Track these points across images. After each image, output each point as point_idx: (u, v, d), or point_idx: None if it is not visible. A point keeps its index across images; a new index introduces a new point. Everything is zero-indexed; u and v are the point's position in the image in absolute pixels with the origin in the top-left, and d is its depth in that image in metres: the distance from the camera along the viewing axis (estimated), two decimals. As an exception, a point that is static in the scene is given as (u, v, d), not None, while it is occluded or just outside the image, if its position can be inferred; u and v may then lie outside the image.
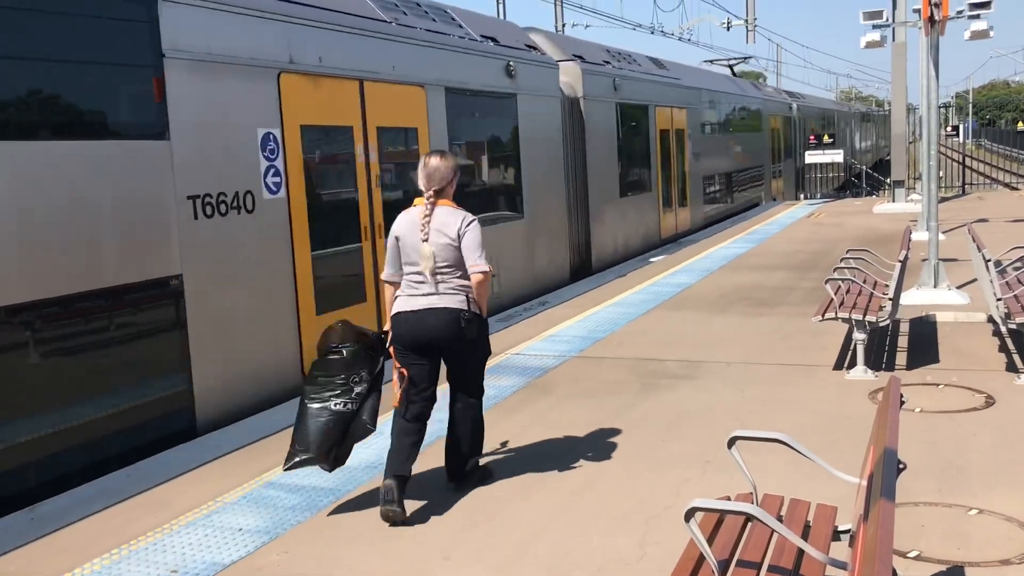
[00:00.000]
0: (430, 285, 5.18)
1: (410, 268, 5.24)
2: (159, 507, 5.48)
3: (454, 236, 5.15)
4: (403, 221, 5.28)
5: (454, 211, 5.23)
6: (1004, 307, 7.22)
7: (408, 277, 5.26)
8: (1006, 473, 5.33)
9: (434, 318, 5.16)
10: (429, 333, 5.18)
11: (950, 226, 17.41)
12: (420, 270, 5.17)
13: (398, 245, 5.28)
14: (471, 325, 5.22)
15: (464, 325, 5.19)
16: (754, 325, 9.80)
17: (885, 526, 2.35)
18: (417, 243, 5.17)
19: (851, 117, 53.02)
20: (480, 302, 5.26)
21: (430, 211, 5.19)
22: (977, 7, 13.95)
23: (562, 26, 28.67)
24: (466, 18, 12.97)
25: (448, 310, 5.16)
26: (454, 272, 5.19)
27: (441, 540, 4.83)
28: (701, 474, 5.56)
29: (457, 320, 5.17)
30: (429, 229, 5.16)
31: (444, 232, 5.15)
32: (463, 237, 5.16)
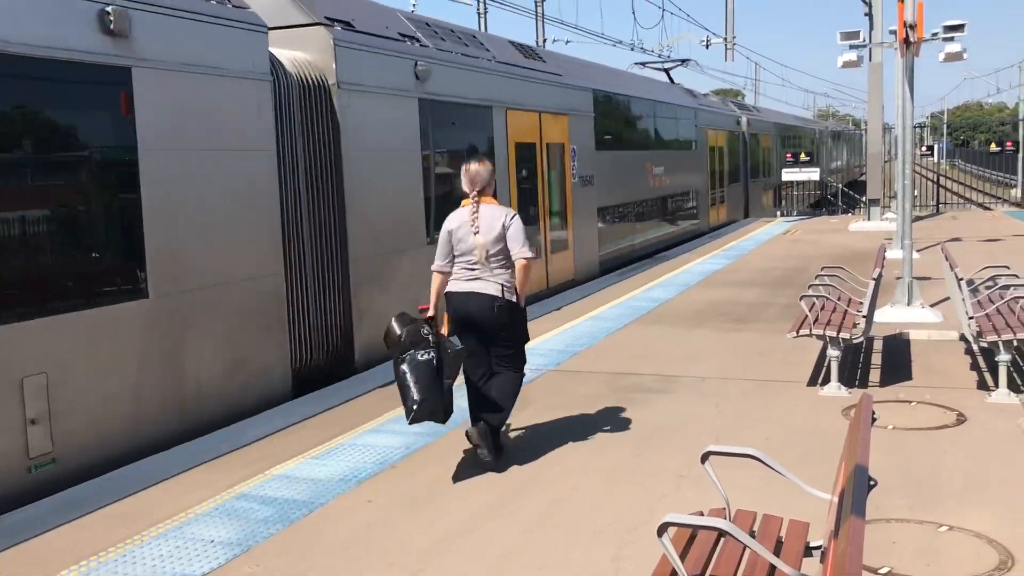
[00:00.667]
0: (483, 270, 5.99)
1: (464, 258, 6.04)
2: (131, 518, 5.43)
3: (500, 228, 5.96)
4: (454, 219, 6.09)
5: (498, 207, 6.08)
6: (976, 326, 7.31)
7: (462, 264, 6.05)
8: (976, 490, 5.38)
9: (474, 301, 5.98)
10: (470, 312, 6.01)
11: (924, 245, 17.60)
12: (475, 259, 5.97)
13: (451, 240, 6.06)
14: (502, 311, 5.97)
15: (496, 311, 5.95)
16: (730, 340, 9.85)
17: (855, 542, 2.37)
18: (469, 236, 5.97)
19: (820, 135, 50.26)
20: (521, 287, 6.03)
21: (477, 208, 6.00)
22: (951, 30, 14.16)
23: (543, 41, 28.80)
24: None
25: (486, 296, 5.95)
26: (502, 261, 5.99)
27: (409, 562, 4.82)
28: (675, 489, 5.58)
29: (491, 306, 5.95)
30: (479, 224, 5.96)
31: (492, 225, 5.97)
32: (508, 228, 5.96)
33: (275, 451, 6.61)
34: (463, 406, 6.25)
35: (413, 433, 6.91)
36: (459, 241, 6.02)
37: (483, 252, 5.94)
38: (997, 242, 17.99)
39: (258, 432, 7.08)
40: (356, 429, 7.09)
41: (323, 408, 7.73)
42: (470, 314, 6.00)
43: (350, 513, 5.40)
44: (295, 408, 7.78)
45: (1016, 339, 7.05)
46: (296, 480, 5.98)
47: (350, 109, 9.65)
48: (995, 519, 4.93)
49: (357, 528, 5.18)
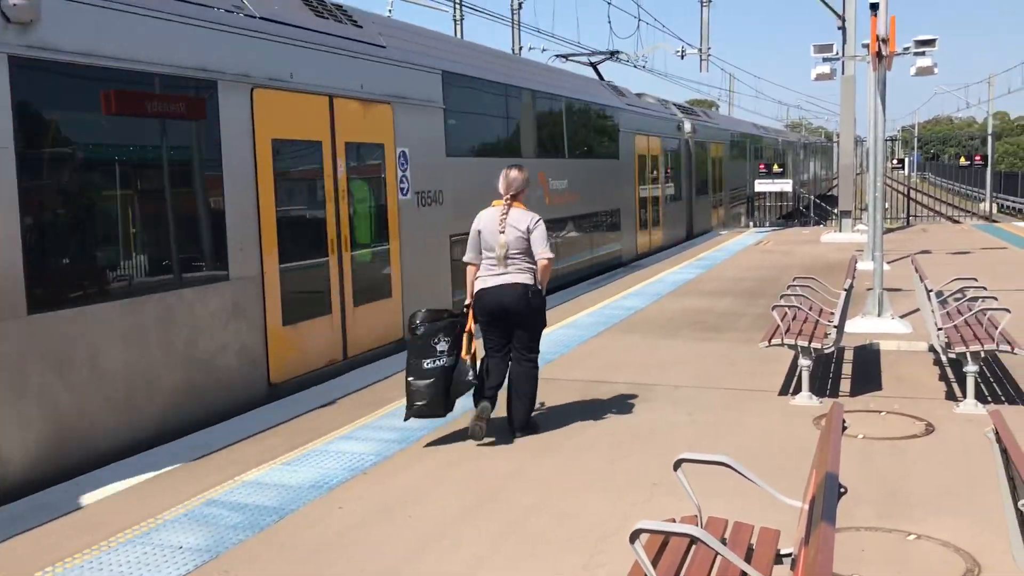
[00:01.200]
0: (502, 267, 6.63)
1: (488, 254, 6.70)
2: (96, 525, 5.36)
3: (524, 230, 6.62)
4: (484, 217, 6.77)
5: (525, 212, 6.72)
6: (944, 337, 7.38)
7: (487, 261, 6.71)
8: (944, 499, 5.43)
9: (508, 291, 6.63)
10: (504, 302, 6.65)
11: (895, 256, 17.78)
12: (497, 255, 6.62)
13: (479, 236, 6.73)
14: (536, 297, 6.71)
15: (531, 296, 6.67)
16: (702, 349, 9.89)
17: (825, 550, 2.39)
18: (495, 234, 6.63)
19: (784, 147, 46.48)
20: (543, 281, 6.74)
21: (507, 210, 6.67)
22: (923, 44, 14.33)
23: (519, 49, 28.86)
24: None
25: (519, 284, 6.64)
26: (523, 258, 6.65)
27: (380, 569, 4.79)
28: (648, 497, 5.59)
29: (525, 293, 6.64)
30: (506, 224, 6.61)
31: (517, 227, 6.63)
32: (532, 232, 6.65)
33: (245, 457, 6.56)
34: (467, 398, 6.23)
35: (384, 440, 6.88)
36: (487, 238, 6.70)
37: (503, 250, 6.59)
38: (966, 255, 18.21)
39: (227, 439, 7.02)
40: (327, 435, 7.05)
41: (292, 415, 7.67)
42: (504, 304, 6.65)
43: (321, 520, 5.36)
44: (265, 415, 7.72)
45: (983, 350, 7.14)
46: (266, 486, 5.93)
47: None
48: (962, 528, 4.98)
49: (327, 534, 5.14)
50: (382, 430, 7.15)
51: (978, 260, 17.16)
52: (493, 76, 14.17)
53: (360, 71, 10.26)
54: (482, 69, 13.87)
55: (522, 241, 6.61)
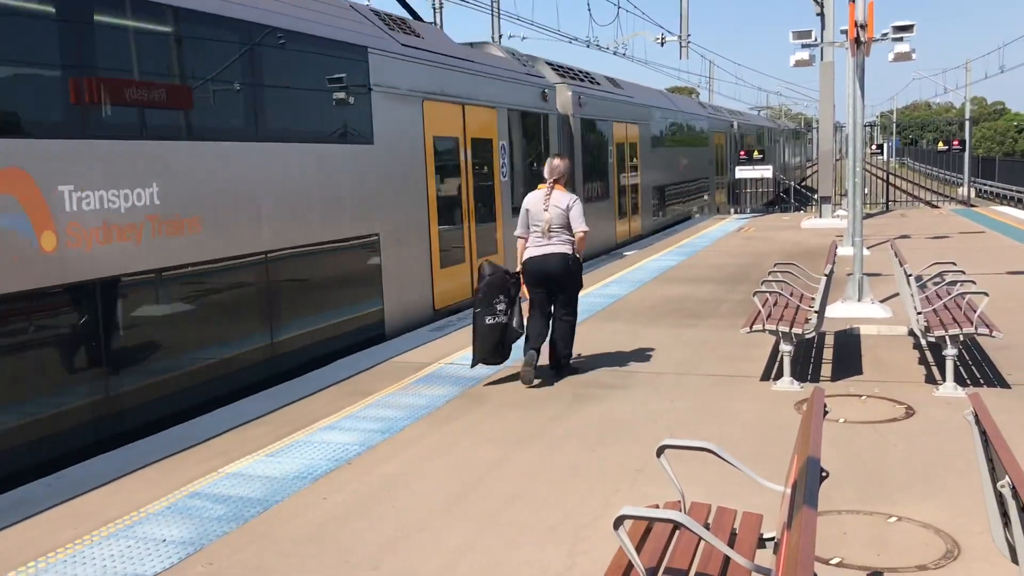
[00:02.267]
0: (546, 239, 7.95)
1: (535, 228, 8.01)
2: (80, 518, 5.33)
3: (564, 208, 7.92)
4: (531, 198, 8.14)
5: (565, 193, 8.04)
6: (924, 321, 7.44)
7: (534, 234, 8.02)
8: (924, 482, 5.49)
9: (551, 259, 7.95)
10: (548, 268, 7.99)
11: (874, 241, 17.89)
12: (541, 229, 7.93)
13: (527, 214, 8.08)
14: (574, 264, 8.05)
15: (570, 264, 7.99)
16: (684, 336, 9.93)
17: (807, 533, 2.41)
18: (540, 212, 7.96)
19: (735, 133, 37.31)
20: (580, 251, 8.05)
21: (550, 192, 7.99)
22: (900, 30, 14.40)
23: (499, 36, 28.77)
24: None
25: (561, 254, 7.96)
26: (563, 232, 7.95)
27: (364, 559, 4.79)
28: (631, 484, 5.61)
29: (566, 260, 7.97)
30: (549, 203, 7.93)
31: (558, 206, 7.94)
32: (571, 209, 7.94)
33: (228, 449, 6.54)
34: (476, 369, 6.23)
35: (369, 430, 6.88)
36: (533, 215, 8.01)
37: (547, 225, 7.92)
38: (945, 239, 18.35)
39: (210, 430, 7.00)
40: (311, 426, 7.04)
41: (277, 406, 7.66)
42: (547, 270, 7.99)
43: (305, 511, 5.35)
44: (247, 406, 7.70)
45: (962, 334, 7.20)
46: (250, 478, 5.92)
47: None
48: (942, 510, 5.04)
49: (312, 525, 5.14)
50: (367, 420, 7.15)
51: (956, 244, 17.29)
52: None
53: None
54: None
55: (563, 217, 7.93)
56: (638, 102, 23.65)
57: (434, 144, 12.52)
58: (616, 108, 21.42)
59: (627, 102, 22.48)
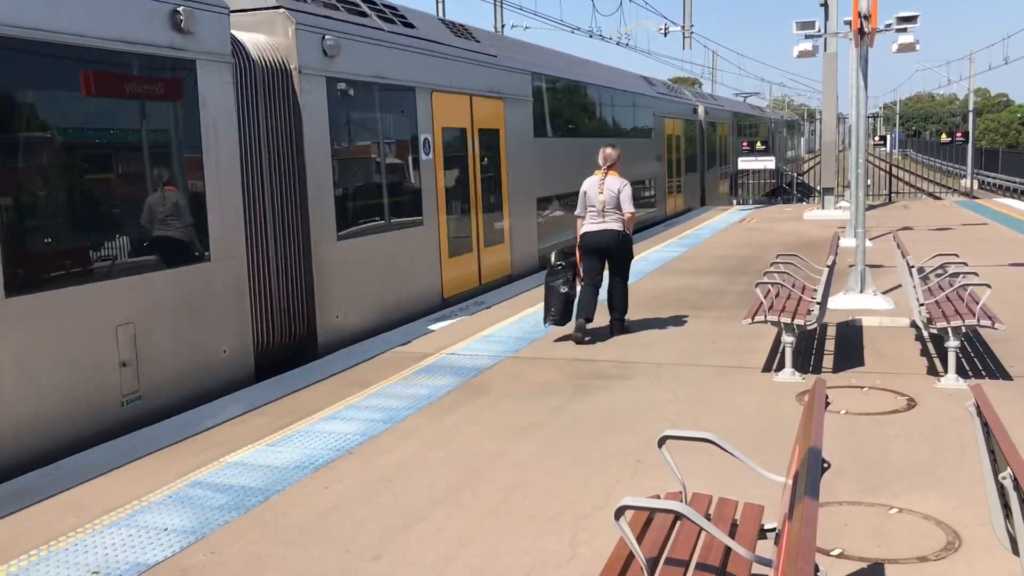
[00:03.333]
0: (601, 217, 9.30)
1: (592, 209, 9.35)
2: (81, 507, 5.34)
3: (616, 191, 9.24)
4: (588, 182, 9.43)
5: (618, 178, 9.34)
6: (926, 312, 7.43)
7: (590, 213, 9.36)
8: (925, 473, 5.48)
9: (606, 235, 9.32)
10: (603, 242, 9.35)
11: (877, 233, 17.86)
12: (597, 209, 9.29)
13: (585, 196, 9.38)
14: (624, 239, 9.38)
15: (621, 239, 9.35)
16: (686, 327, 9.92)
17: (809, 524, 2.40)
18: (596, 194, 9.30)
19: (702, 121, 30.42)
20: (629, 228, 9.38)
21: (604, 177, 9.33)
22: (904, 21, 14.35)
23: (501, 26, 28.70)
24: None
25: (613, 231, 9.31)
26: (615, 211, 9.27)
27: (366, 548, 4.80)
28: (632, 475, 5.61)
29: (617, 236, 9.33)
30: (604, 187, 9.25)
31: (611, 189, 9.25)
32: (621, 192, 9.27)
33: (230, 438, 6.54)
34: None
35: (370, 420, 6.88)
36: (590, 198, 9.32)
37: (602, 206, 9.25)
38: (947, 231, 18.32)
39: (212, 420, 7.01)
40: (312, 416, 7.04)
41: (277, 395, 7.66)
42: (602, 244, 9.34)
43: (306, 500, 5.36)
44: (249, 395, 7.70)
45: (964, 325, 7.19)
46: (251, 467, 5.93)
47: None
48: (943, 501, 5.03)
49: (313, 515, 5.14)
50: (368, 410, 7.15)
51: (959, 236, 17.26)
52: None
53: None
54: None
55: (615, 199, 9.24)
56: (500, 65, 14.97)
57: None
58: (429, 68, 12.31)
59: (465, 61, 13.68)
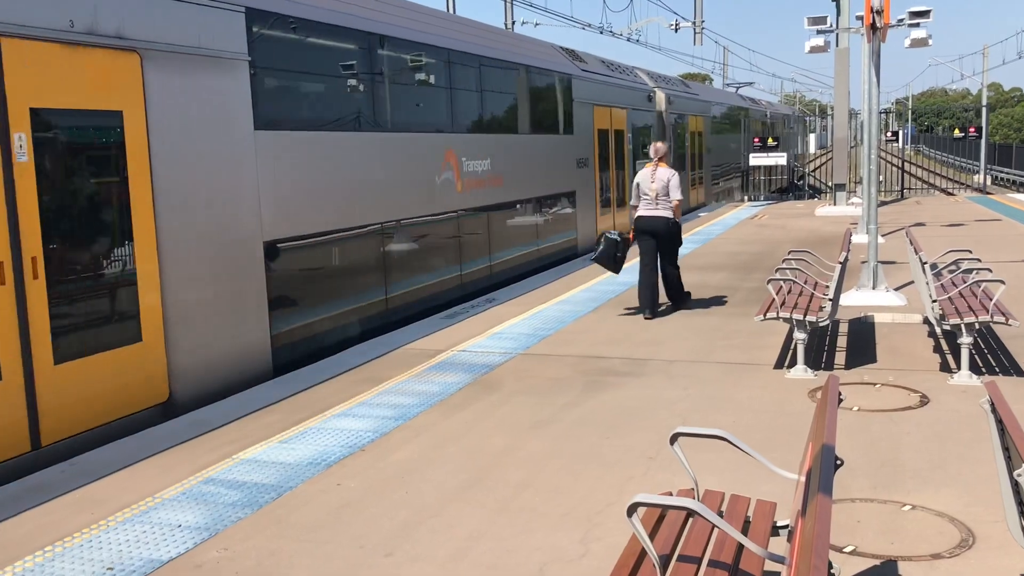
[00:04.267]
0: (654, 204, 10.39)
1: (645, 197, 10.44)
2: (95, 504, 5.37)
3: (665, 181, 10.33)
4: (641, 173, 10.56)
5: (668, 169, 10.46)
6: (939, 309, 7.40)
7: (644, 200, 10.45)
8: (939, 470, 5.46)
9: (656, 220, 10.43)
10: (653, 227, 10.44)
11: (889, 229, 17.79)
12: (650, 197, 10.37)
13: (638, 187, 10.50)
14: (674, 225, 10.51)
15: (670, 226, 10.46)
16: (697, 324, 9.90)
17: (822, 521, 2.40)
18: (649, 184, 10.39)
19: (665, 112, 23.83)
20: (677, 215, 10.48)
21: (655, 168, 10.42)
22: (917, 16, 14.27)
23: (511, 23, 28.69)
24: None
25: (663, 217, 10.42)
26: (666, 199, 10.36)
27: (379, 545, 4.81)
28: (644, 472, 5.61)
29: (667, 223, 10.44)
30: (655, 177, 10.36)
31: (662, 179, 10.35)
32: (671, 181, 10.35)
33: (242, 436, 6.57)
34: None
35: (382, 417, 6.90)
36: (643, 187, 10.43)
37: (655, 194, 10.33)
38: (960, 227, 18.22)
39: (225, 417, 7.03)
40: (324, 413, 7.06)
41: (289, 393, 7.68)
42: (653, 228, 10.44)
43: (319, 497, 5.38)
44: (260, 393, 7.73)
45: (978, 322, 7.15)
46: (264, 464, 5.95)
47: None
48: (957, 498, 5.01)
49: (326, 511, 5.16)
50: (380, 407, 7.16)
51: (972, 232, 17.17)
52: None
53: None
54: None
55: (664, 188, 10.31)
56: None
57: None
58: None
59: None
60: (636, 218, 10.54)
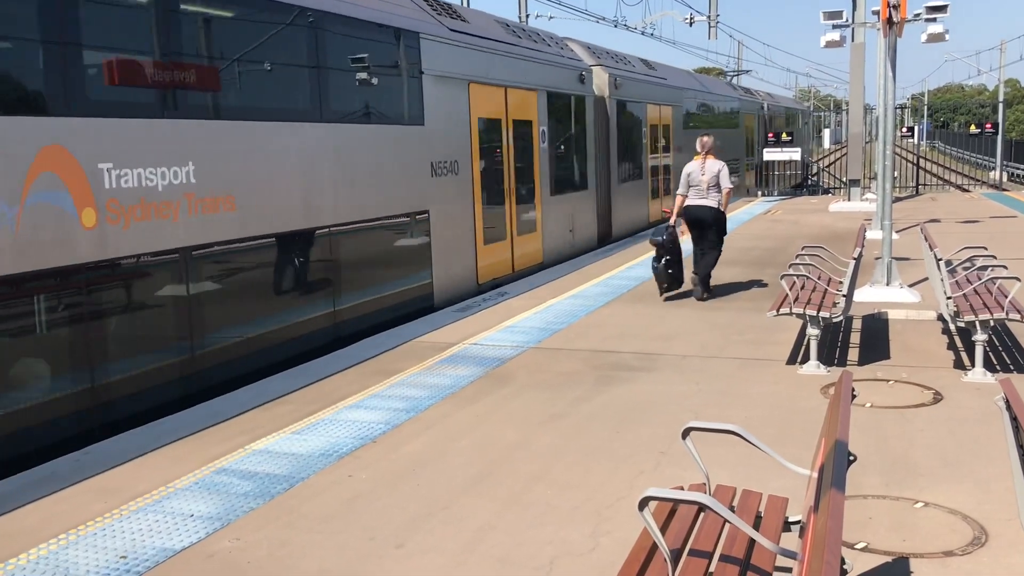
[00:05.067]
0: (704, 193, 11.03)
1: (694, 187, 11.10)
2: (109, 493, 5.40)
3: (715, 172, 10.99)
4: (690, 165, 11.18)
5: (716, 160, 11.14)
6: (953, 306, 7.36)
7: (692, 191, 11.12)
8: (951, 468, 5.44)
9: (704, 209, 11.07)
10: (701, 215, 11.11)
11: (903, 225, 17.69)
12: (701, 188, 11.04)
13: (689, 177, 11.12)
14: (720, 214, 11.11)
15: (716, 214, 11.07)
16: (709, 319, 9.88)
17: (835, 516, 2.39)
18: (699, 175, 11.06)
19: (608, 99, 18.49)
20: (725, 204, 11.11)
21: (704, 160, 11.11)
22: (934, 10, 14.18)
23: (526, 17, 28.63)
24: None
25: (710, 207, 11.05)
26: (715, 189, 11.01)
27: (390, 536, 4.82)
28: (655, 466, 5.61)
29: (714, 211, 11.05)
30: (705, 169, 11.03)
31: (711, 171, 11.01)
32: (720, 172, 11.01)
33: (254, 426, 6.59)
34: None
35: (393, 409, 6.91)
36: (694, 178, 11.08)
37: (706, 185, 10.98)
38: (975, 223, 18.12)
39: (236, 408, 7.06)
40: (336, 405, 7.08)
41: (301, 384, 7.71)
42: (701, 216, 11.08)
43: (331, 488, 5.39)
44: (273, 385, 7.75)
45: (993, 319, 7.11)
46: (276, 455, 5.97)
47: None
48: (969, 496, 4.99)
49: (338, 502, 5.17)
50: (391, 399, 7.18)
51: (987, 229, 17.07)
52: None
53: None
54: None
55: (714, 179, 10.95)
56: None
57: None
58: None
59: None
60: (686, 207, 11.18)
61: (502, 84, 13.70)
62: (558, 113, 16.00)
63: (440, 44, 11.85)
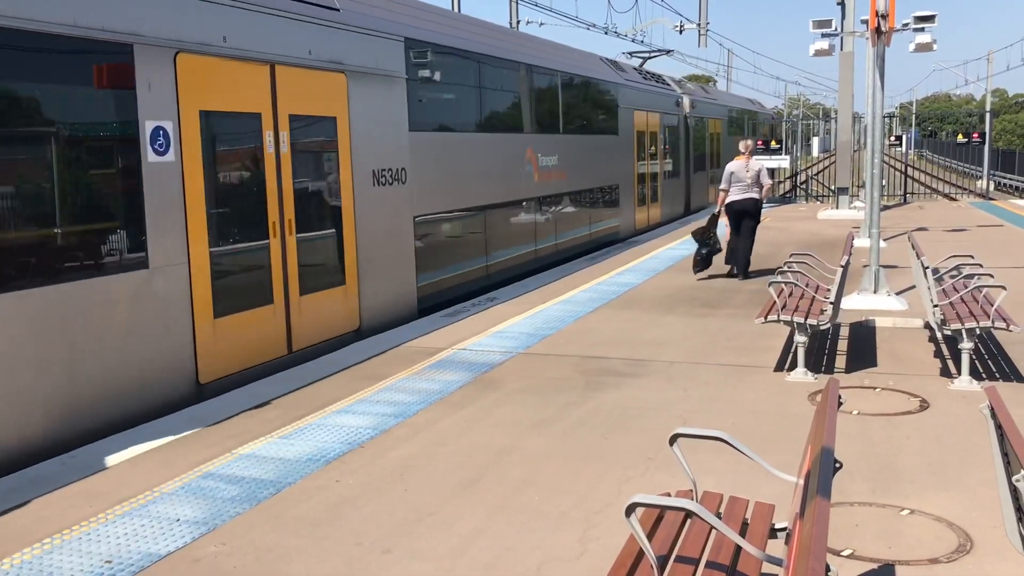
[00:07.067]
0: (748, 188, 12.89)
1: (738, 183, 12.93)
2: (94, 497, 5.37)
3: (757, 171, 12.91)
4: (734, 164, 12.98)
5: (757, 160, 13.08)
6: (940, 314, 7.40)
7: (736, 187, 12.95)
8: (937, 475, 5.46)
9: (748, 201, 12.93)
10: (745, 207, 12.94)
11: (891, 233, 17.78)
12: (745, 183, 12.86)
13: (733, 175, 12.92)
14: (759, 206, 13.07)
15: (758, 205, 13.01)
16: (698, 325, 9.91)
17: (820, 523, 2.40)
18: (743, 173, 12.86)
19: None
20: (765, 197, 13.13)
21: (747, 160, 12.92)
22: (922, 20, 14.28)
23: (516, 23, 28.67)
24: None
25: (753, 199, 12.94)
26: (756, 185, 12.92)
27: (377, 541, 4.81)
28: (643, 472, 5.61)
29: (756, 203, 13.01)
30: (749, 167, 12.86)
31: (754, 169, 12.90)
32: (761, 170, 12.99)
33: (242, 431, 6.57)
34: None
35: (382, 414, 6.90)
36: (738, 175, 12.87)
37: (751, 180, 12.82)
38: (962, 232, 18.21)
39: (224, 412, 7.04)
40: (324, 409, 7.06)
41: (289, 389, 7.69)
42: (745, 208, 12.92)
43: (318, 492, 5.38)
44: (260, 389, 7.73)
45: (979, 327, 7.15)
46: (263, 460, 5.95)
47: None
48: (955, 503, 5.01)
49: (324, 507, 5.16)
50: (380, 404, 7.17)
51: (974, 237, 17.16)
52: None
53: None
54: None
55: (756, 176, 12.85)
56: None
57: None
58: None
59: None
60: (730, 201, 12.94)
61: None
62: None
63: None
